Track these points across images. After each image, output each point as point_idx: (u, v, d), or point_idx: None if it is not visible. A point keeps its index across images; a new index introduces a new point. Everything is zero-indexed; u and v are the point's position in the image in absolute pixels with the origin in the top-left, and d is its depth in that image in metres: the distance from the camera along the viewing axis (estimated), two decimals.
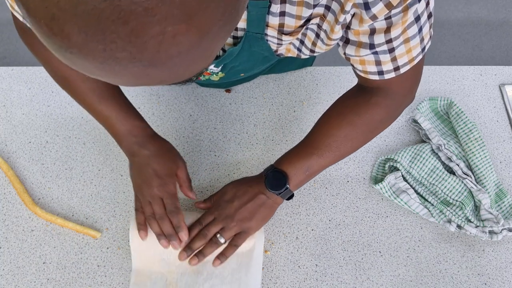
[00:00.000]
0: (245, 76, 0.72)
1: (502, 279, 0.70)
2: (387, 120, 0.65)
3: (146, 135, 0.67)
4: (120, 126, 0.65)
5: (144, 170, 0.65)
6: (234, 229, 0.65)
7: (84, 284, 0.68)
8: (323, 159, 0.65)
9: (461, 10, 2.20)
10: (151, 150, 0.66)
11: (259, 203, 0.66)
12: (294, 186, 0.66)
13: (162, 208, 0.65)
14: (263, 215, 0.67)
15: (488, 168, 0.76)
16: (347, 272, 0.70)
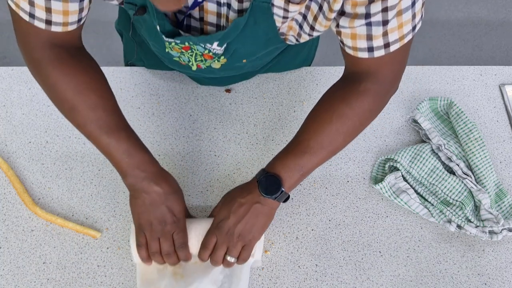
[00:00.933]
0: (246, 64, 0.71)
1: (502, 279, 0.70)
2: (376, 109, 0.66)
3: (156, 172, 0.65)
4: (129, 160, 0.63)
5: (158, 207, 0.64)
6: (238, 245, 0.65)
7: (84, 284, 0.68)
8: (316, 157, 0.64)
9: (461, 10, 2.20)
10: (164, 187, 0.65)
11: (255, 213, 0.65)
12: (289, 188, 0.65)
13: (171, 246, 0.65)
14: (262, 223, 0.66)
15: (488, 168, 0.76)
16: (347, 272, 0.70)
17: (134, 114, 0.83)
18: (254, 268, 0.69)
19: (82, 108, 0.62)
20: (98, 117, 0.62)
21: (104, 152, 0.64)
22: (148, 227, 0.65)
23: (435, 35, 2.11)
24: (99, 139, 0.63)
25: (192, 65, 0.70)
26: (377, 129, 0.83)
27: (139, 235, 0.65)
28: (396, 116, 0.85)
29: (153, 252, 0.65)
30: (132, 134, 0.65)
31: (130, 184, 0.65)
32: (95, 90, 0.63)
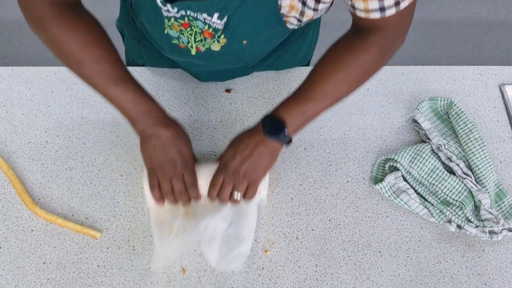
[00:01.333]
0: (246, 49, 0.71)
1: (502, 279, 0.70)
2: (381, 61, 0.67)
3: (163, 117, 0.69)
4: (137, 108, 0.67)
5: (168, 150, 0.68)
6: (244, 183, 0.69)
7: (84, 284, 0.68)
8: (320, 104, 0.67)
9: (461, 10, 2.20)
10: (172, 132, 0.68)
11: (259, 154, 0.68)
12: (292, 131, 0.68)
13: (183, 185, 0.69)
14: (266, 163, 0.69)
15: (488, 168, 0.76)
16: (347, 272, 0.70)
17: None
18: (254, 269, 0.69)
19: (88, 62, 0.64)
20: (104, 69, 0.64)
21: (113, 102, 0.67)
22: (160, 169, 0.68)
23: (435, 35, 2.11)
24: (107, 90, 0.66)
25: (191, 48, 0.70)
26: (377, 129, 0.83)
27: (151, 177, 0.69)
28: (396, 116, 0.85)
29: (166, 192, 0.68)
30: (137, 83, 0.68)
31: (140, 130, 0.68)
32: (99, 43, 0.65)
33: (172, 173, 0.68)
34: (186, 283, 0.68)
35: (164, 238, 0.68)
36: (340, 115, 0.84)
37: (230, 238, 0.69)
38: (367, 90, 0.87)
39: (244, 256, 0.68)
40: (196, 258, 0.70)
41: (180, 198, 0.69)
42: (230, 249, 0.68)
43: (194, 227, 0.69)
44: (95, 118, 0.82)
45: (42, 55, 1.99)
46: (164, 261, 0.69)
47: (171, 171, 0.68)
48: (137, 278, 0.68)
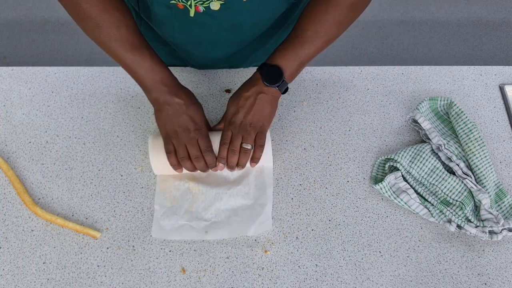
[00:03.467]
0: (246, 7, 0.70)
1: (502, 279, 0.70)
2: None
3: (177, 85, 0.72)
4: (153, 75, 0.69)
5: (181, 117, 0.70)
6: (252, 133, 0.71)
7: (84, 284, 0.68)
8: (313, 46, 0.69)
9: (461, 10, 2.21)
10: (184, 99, 0.71)
11: (261, 103, 0.71)
12: (289, 77, 0.71)
13: (198, 150, 0.71)
14: (268, 110, 0.72)
15: (488, 168, 0.76)
16: (347, 272, 0.70)
17: (134, 114, 0.83)
18: (254, 268, 0.69)
19: (107, 26, 0.65)
20: (122, 35, 0.66)
21: (128, 68, 0.69)
22: (175, 135, 0.70)
23: (435, 35, 2.11)
24: (124, 56, 0.67)
25: (190, 8, 0.69)
26: (377, 129, 0.83)
27: (167, 143, 0.71)
28: (396, 116, 0.85)
29: (182, 158, 0.70)
30: (154, 51, 0.70)
31: (154, 98, 0.70)
32: (118, 9, 0.66)
33: (186, 138, 0.70)
34: (186, 283, 0.68)
35: (166, 204, 0.73)
36: (340, 115, 0.84)
37: (251, 207, 0.73)
38: (367, 90, 0.87)
39: (270, 219, 0.72)
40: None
41: (197, 163, 0.71)
42: (256, 215, 0.72)
43: (205, 210, 0.73)
44: (95, 118, 0.82)
45: (42, 55, 1.99)
46: (167, 235, 0.71)
47: (185, 136, 0.70)
48: (137, 278, 0.68)
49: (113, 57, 0.68)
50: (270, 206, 0.73)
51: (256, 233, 0.71)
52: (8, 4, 2.16)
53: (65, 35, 2.06)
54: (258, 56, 0.89)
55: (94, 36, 0.67)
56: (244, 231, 0.71)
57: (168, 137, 0.71)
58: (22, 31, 2.07)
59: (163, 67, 0.70)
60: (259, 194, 0.74)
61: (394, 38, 2.10)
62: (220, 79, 0.87)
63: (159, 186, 0.75)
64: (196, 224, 0.72)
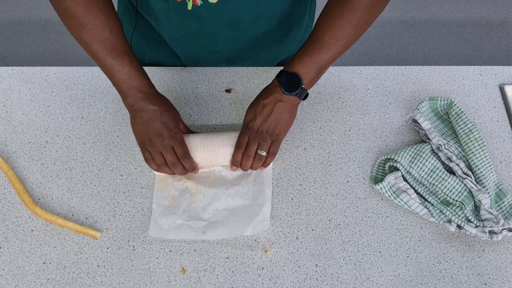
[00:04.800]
0: (245, 3, 0.71)
1: (502, 279, 0.70)
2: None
3: (152, 92, 0.71)
4: (130, 82, 0.69)
5: (154, 124, 0.70)
6: (268, 140, 0.72)
7: (84, 284, 0.68)
8: (331, 51, 0.68)
9: (461, 10, 2.20)
10: (159, 106, 0.71)
11: (279, 111, 0.71)
12: (308, 84, 0.70)
13: (174, 156, 0.71)
14: (286, 119, 0.72)
15: (488, 168, 0.76)
16: (347, 272, 0.70)
17: None
18: (254, 268, 0.69)
19: (91, 27, 0.65)
20: (105, 38, 0.66)
21: (107, 72, 0.69)
22: (149, 142, 0.70)
23: (435, 35, 2.11)
24: (104, 60, 0.67)
25: (188, 0, 0.69)
26: (377, 129, 0.83)
27: (144, 151, 0.71)
28: (396, 116, 0.85)
29: (159, 165, 0.71)
30: (135, 58, 0.70)
31: (129, 103, 0.70)
32: (104, 11, 0.66)
33: (160, 146, 0.70)
34: (186, 283, 0.68)
35: (164, 204, 0.73)
36: (340, 115, 0.84)
37: (249, 207, 0.73)
38: (367, 90, 0.87)
39: (268, 218, 0.72)
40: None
41: (175, 169, 0.72)
42: (254, 215, 0.72)
43: (203, 210, 0.73)
44: (95, 118, 0.82)
45: (42, 55, 1.99)
46: (164, 234, 0.71)
47: (159, 144, 0.70)
48: (137, 278, 0.68)
49: (93, 58, 0.68)
50: (268, 206, 0.73)
51: (253, 233, 0.71)
52: (8, 4, 2.16)
53: (65, 35, 2.05)
54: (260, 56, 0.89)
55: (77, 36, 0.67)
56: (242, 231, 0.71)
57: (143, 145, 0.71)
58: (22, 31, 2.07)
59: (142, 74, 0.70)
60: (257, 194, 0.74)
61: (394, 38, 2.10)
62: (220, 79, 0.87)
63: (157, 185, 0.75)
64: (194, 224, 0.72)
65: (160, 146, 0.70)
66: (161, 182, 0.75)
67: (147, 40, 0.87)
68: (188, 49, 0.84)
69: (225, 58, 0.87)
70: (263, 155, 0.72)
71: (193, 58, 0.88)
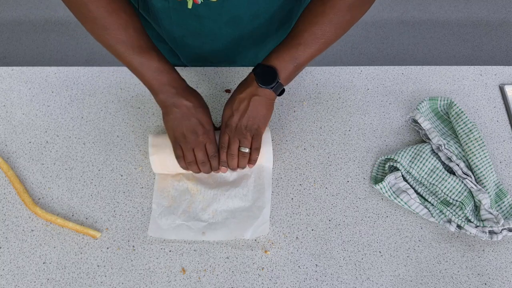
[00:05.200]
0: (244, 2, 0.71)
1: (502, 279, 0.70)
2: (367, 1, 0.68)
3: (184, 87, 0.71)
4: (160, 78, 0.68)
5: (189, 120, 0.70)
6: (248, 135, 0.71)
7: (84, 284, 0.68)
8: (310, 48, 0.68)
9: (461, 10, 2.21)
10: (193, 102, 0.70)
11: (255, 105, 0.70)
12: (284, 79, 0.69)
13: (205, 155, 0.71)
14: (263, 113, 0.71)
15: (488, 168, 0.76)
16: (347, 272, 0.70)
17: (134, 114, 0.83)
18: (254, 268, 0.69)
19: (114, 28, 0.64)
20: (129, 37, 0.65)
21: (136, 71, 0.68)
22: (183, 139, 0.70)
23: (435, 35, 2.11)
24: (131, 59, 0.67)
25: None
26: (377, 129, 0.83)
27: (175, 147, 0.71)
28: (396, 116, 0.85)
29: (189, 162, 0.71)
30: (161, 54, 0.69)
31: (161, 100, 0.70)
32: (125, 10, 0.65)
33: (194, 142, 0.70)
34: (186, 283, 0.68)
35: (164, 204, 0.73)
36: (340, 115, 0.84)
37: (249, 209, 0.73)
38: (367, 90, 0.87)
39: (267, 222, 0.72)
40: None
41: (203, 168, 0.72)
42: (254, 218, 0.72)
43: (202, 211, 0.73)
44: (95, 118, 0.82)
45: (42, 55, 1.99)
46: (163, 234, 0.71)
47: (193, 140, 0.70)
48: (137, 278, 0.68)
49: (120, 59, 0.68)
50: (268, 209, 0.73)
51: (253, 237, 0.71)
52: (8, 4, 2.16)
53: (65, 35, 2.05)
54: (260, 55, 0.89)
55: (100, 38, 0.66)
56: (241, 234, 0.71)
57: (176, 140, 0.71)
58: (22, 31, 2.07)
59: (171, 69, 0.70)
60: (257, 196, 0.74)
61: (394, 38, 2.10)
62: (220, 79, 0.87)
63: (157, 185, 0.75)
64: (193, 225, 0.72)
65: (194, 142, 0.70)
66: (161, 182, 0.75)
67: None
68: (187, 48, 0.84)
69: (225, 57, 0.87)
70: (246, 151, 0.72)
71: (193, 57, 0.88)
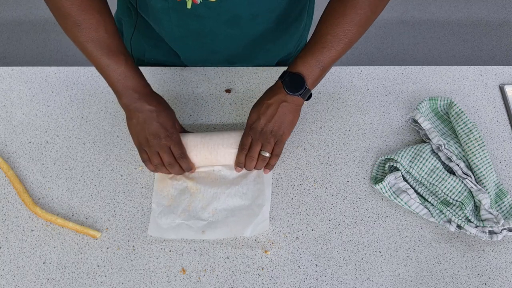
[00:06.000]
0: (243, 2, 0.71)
1: (502, 279, 0.70)
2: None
3: (148, 92, 0.71)
4: (125, 82, 0.69)
5: (151, 124, 0.70)
6: (271, 141, 0.72)
7: (84, 284, 0.68)
8: (334, 50, 0.68)
9: (461, 10, 2.20)
10: (155, 106, 0.71)
11: (283, 111, 0.71)
12: (311, 84, 0.70)
13: (171, 156, 0.71)
14: (289, 119, 0.72)
15: (488, 168, 0.76)
16: (347, 272, 0.70)
17: None
18: (254, 268, 0.69)
19: (85, 26, 0.65)
20: (99, 37, 0.66)
21: (102, 72, 0.69)
22: (146, 143, 0.70)
23: (435, 35, 2.11)
24: (99, 59, 0.67)
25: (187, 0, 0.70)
26: (377, 129, 0.83)
27: (141, 152, 0.72)
28: (396, 116, 0.85)
29: (157, 165, 0.71)
30: (130, 58, 0.70)
31: (125, 104, 0.70)
32: (99, 10, 0.66)
33: (157, 146, 0.70)
34: (186, 283, 0.68)
35: (163, 203, 0.73)
36: (340, 115, 0.84)
37: (248, 207, 0.73)
38: (367, 90, 0.87)
39: (267, 219, 0.72)
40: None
41: (172, 169, 0.72)
42: (254, 215, 0.72)
43: (202, 210, 0.73)
44: (95, 118, 0.82)
45: (42, 55, 1.99)
46: (163, 233, 0.71)
47: (156, 144, 0.70)
48: (137, 278, 0.68)
49: (88, 58, 0.68)
50: (268, 207, 0.73)
51: (252, 234, 0.71)
52: (8, 4, 2.16)
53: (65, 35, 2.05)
54: (259, 55, 0.89)
55: (71, 35, 0.67)
56: (241, 232, 0.71)
57: (140, 145, 0.71)
58: (22, 31, 2.07)
59: (137, 74, 0.70)
60: (257, 194, 0.74)
61: (394, 38, 2.10)
62: (220, 79, 0.87)
63: (157, 184, 0.75)
64: (193, 224, 0.72)
65: (157, 146, 0.70)
66: (160, 181, 0.75)
67: (147, 40, 0.87)
68: (187, 49, 0.84)
69: (225, 58, 0.87)
70: (266, 156, 0.72)
71: (193, 58, 0.88)
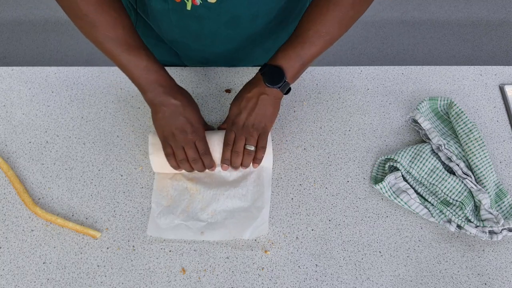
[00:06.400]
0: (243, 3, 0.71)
1: (502, 279, 0.70)
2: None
3: (173, 86, 0.71)
4: (148, 76, 0.68)
5: (177, 118, 0.70)
6: (254, 134, 0.72)
7: (84, 284, 0.68)
8: (315, 46, 0.69)
9: (461, 10, 2.21)
10: (181, 100, 0.70)
11: (263, 104, 0.71)
12: (291, 78, 0.70)
13: (196, 152, 0.71)
14: (270, 112, 0.72)
15: (488, 168, 0.76)
16: (347, 272, 0.70)
17: (134, 114, 0.83)
18: (254, 268, 0.69)
19: (103, 25, 0.65)
20: (118, 35, 0.66)
21: (124, 68, 0.69)
22: (172, 138, 0.70)
23: (435, 35, 2.11)
24: (119, 57, 0.67)
25: (187, 0, 0.69)
26: (377, 129, 0.83)
27: (165, 146, 0.71)
28: (396, 116, 0.85)
29: (181, 160, 0.71)
30: (150, 52, 0.70)
31: (150, 99, 0.70)
32: (115, 8, 0.66)
33: (183, 141, 0.70)
34: (186, 283, 0.68)
35: (163, 203, 0.73)
36: (340, 115, 0.84)
37: (248, 209, 0.73)
38: (367, 90, 0.87)
39: (267, 222, 0.72)
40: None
41: (195, 165, 0.72)
42: (253, 218, 0.72)
43: (201, 211, 0.73)
44: (95, 118, 0.82)
45: (42, 55, 1.99)
46: (162, 233, 0.71)
47: (182, 139, 0.70)
48: (137, 278, 0.68)
49: (109, 57, 0.68)
50: (267, 210, 0.73)
51: (251, 237, 0.71)
52: (8, 4, 2.16)
53: (65, 35, 2.06)
54: (258, 55, 0.89)
55: (90, 36, 0.67)
56: (240, 234, 0.71)
57: (166, 139, 0.71)
58: (22, 31, 2.07)
59: (159, 67, 0.70)
60: (256, 196, 0.74)
61: (394, 38, 2.10)
62: (220, 79, 0.87)
63: (156, 184, 0.75)
64: (192, 224, 0.72)
65: (183, 141, 0.70)
66: (160, 181, 0.75)
67: (147, 40, 0.87)
68: (188, 49, 0.84)
69: (225, 58, 0.87)
70: (252, 149, 0.72)
71: (193, 58, 0.88)
